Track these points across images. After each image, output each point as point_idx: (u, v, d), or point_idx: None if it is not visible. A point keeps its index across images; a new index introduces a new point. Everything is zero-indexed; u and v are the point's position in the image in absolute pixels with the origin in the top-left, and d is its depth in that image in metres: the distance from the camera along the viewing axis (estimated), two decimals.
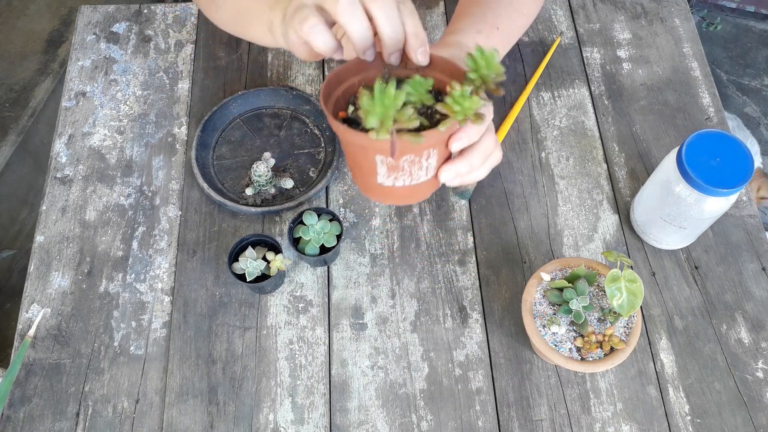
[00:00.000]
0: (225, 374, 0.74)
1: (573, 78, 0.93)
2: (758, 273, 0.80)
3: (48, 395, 0.72)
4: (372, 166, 0.51)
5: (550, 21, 0.98)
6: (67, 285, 0.78)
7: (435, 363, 0.74)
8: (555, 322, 0.67)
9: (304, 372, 0.74)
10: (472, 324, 0.76)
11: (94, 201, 0.84)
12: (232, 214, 0.83)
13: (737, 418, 0.72)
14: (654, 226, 0.77)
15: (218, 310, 0.77)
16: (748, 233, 0.82)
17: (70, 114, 0.90)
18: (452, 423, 0.71)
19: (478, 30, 0.67)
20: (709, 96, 0.92)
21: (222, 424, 0.71)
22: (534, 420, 0.72)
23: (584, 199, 0.84)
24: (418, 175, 0.52)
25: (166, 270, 0.79)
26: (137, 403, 0.72)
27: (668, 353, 0.75)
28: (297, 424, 0.71)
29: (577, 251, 0.81)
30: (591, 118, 0.90)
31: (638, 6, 1.00)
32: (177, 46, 0.95)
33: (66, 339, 0.75)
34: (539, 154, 0.87)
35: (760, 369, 0.74)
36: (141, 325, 0.76)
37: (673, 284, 0.79)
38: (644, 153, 0.88)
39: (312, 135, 0.88)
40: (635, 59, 0.95)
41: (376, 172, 0.52)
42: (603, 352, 0.67)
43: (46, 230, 0.81)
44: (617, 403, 0.72)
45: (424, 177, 0.53)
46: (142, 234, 0.81)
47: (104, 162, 0.86)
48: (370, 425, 0.71)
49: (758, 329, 0.76)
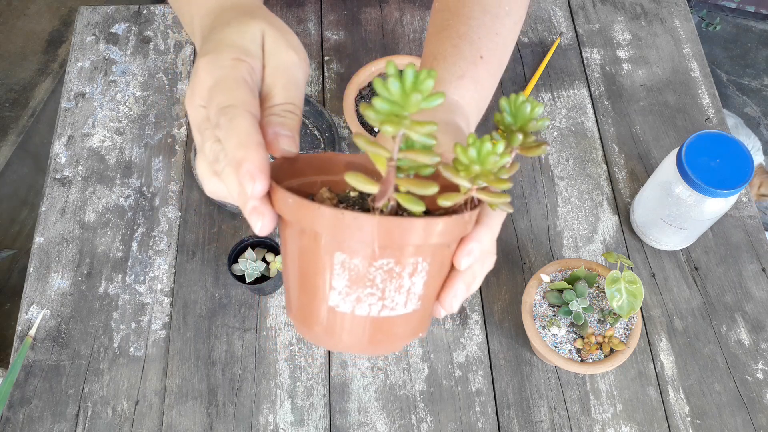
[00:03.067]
0: (224, 375, 0.73)
1: (573, 79, 0.93)
2: (758, 274, 0.80)
3: (47, 397, 0.72)
4: (324, 274, 0.33)
5: (550, 22, 0.98)
6: (67, 286, 0.78)
7: (435, 364, 0.74)
8: (555, 324, 0.67)
9: (303, 373, 0.74)
10: (471, 325, 0.76)
11: (93, 202, 0.83)
12: (231, 215, 0.82)
13: (737, 419, 0.72)
14: (654, 227, 0.77)
15: (218, 312, 0.77)
16: (748, 234, 0.82)
17: (69, 115, 0.90)
18: (452, 424, 0.71)
19: (460, 75, 0.53)
20: (709, 97, 0.92)
21: (221, 426, 0.71)
22: (534, 421, 0.72)
23: (584, 200, 0.84)
24: (393, 300, 0.34)
25: (166, 271, 0.79)
26: (137, 405, 0.72)
27: (668, 354, 0.75)
28: (297, 425, 0.71)
29: (577, 252, 0.81)
30: (591, 119, 0.90)
31: (638, 6, 1.00)
32: (176, 47, 0.95)
33: (65, 340, 0.75)
34: (539, 155, 0.87)
35: (760, 370, 0.74)
36: (140, 327, 0.76)
37: (673, 285, 0.79)
38: (644, 154, 0.88)
39: (311, 136, 0.88)
40: (635, 60, 0.95)
41: (328, 285, 0.33)
42: (603, 353, 0.67)
43: (46, 231, 0.81)
44: (617, 404, 0.72)
45: (402, 308, 0.34)
46: (141, 235, 0.81)
47: (104, 163, 0.86)
48: (369, 426, 0.71)
49: (758, 330, 0.76)
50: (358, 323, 0.34)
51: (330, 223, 0.31)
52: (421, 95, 0.30)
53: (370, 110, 0.31)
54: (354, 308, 0.33)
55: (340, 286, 0.33)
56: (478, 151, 0.32)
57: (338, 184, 0.38)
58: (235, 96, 0.36)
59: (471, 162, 0.32)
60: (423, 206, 0.31)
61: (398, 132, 0.30)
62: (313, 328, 0.35)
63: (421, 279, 0.34)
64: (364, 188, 0.31)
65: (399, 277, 0.33)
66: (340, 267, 0.32)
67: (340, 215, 0.31)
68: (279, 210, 0.34)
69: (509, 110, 0.35)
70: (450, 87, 0.52)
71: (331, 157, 0.39)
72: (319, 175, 0.39)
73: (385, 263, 0.32)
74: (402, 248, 0.32)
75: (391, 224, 0.31)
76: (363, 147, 0.31)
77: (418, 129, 0.30)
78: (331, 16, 0.97)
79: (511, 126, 0.35)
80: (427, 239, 0.32)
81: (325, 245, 0.32)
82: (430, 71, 0.30)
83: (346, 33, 0.96)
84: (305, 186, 0.38)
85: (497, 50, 0.56)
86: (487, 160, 0.32)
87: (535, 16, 0.98)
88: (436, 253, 0.33)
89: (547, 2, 1.00)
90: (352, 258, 0.32)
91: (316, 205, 0.31)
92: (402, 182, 0.32)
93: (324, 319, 0.34)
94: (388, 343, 0.35)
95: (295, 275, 0.35)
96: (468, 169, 0.33)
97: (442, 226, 0.32)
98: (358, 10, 0.98)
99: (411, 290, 0.34)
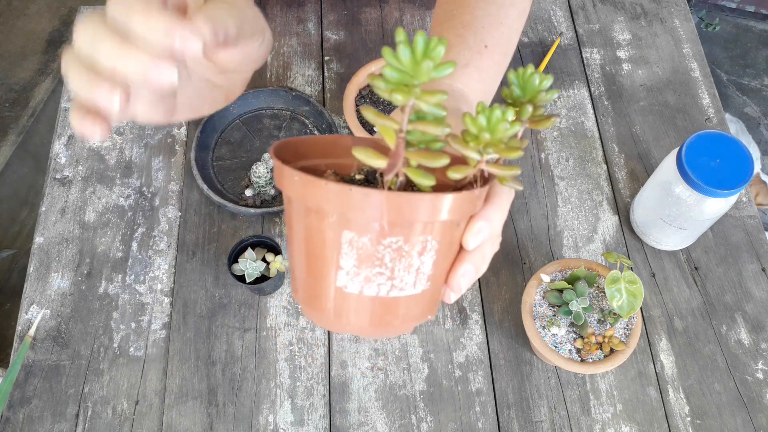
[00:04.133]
0: (224, 375, 0.73)
1: (573, 79, 0.93)
2: (758, 274, 0.80)
3: (47, 397, 0.72)
4: (331, 254, 0.32)
5: (550, 21, 0.98)
6: (67, 286, 0.78)
7: (435, 364, 0.74)
8: (555, 324, 0.67)
9: (303, 373, 0.74)
10: (471, 325, 0.76)
11: (93, 202, 0.83)
12: (231, 215, 0.82)
13: (737, 419, 0.72)
14: (654, 227, 0.77)
15: (218, 312, 0.77)
16: (747, 234, 0.82)
17: (69, 115, 0.90)
18: (452, 424, 0.71)
19: (465, 63, 0.52)
20: (709, 97, 0.92)
21: (221, 426, 0.71)
22: (534, 421, 0.72)
23: (584, 200, 0.84)
24: (402, 280, 0.32)
25: (166, 271, 0.79)
26: (137, 405, 0.72)
27: (668, 354, 0.75)
28: (297, 425, 0.71)
29: (577, 252, 0.81)
30: (591, 118, 0.90)
31: (638, 6, 1.00)
32: None
33: (65, 340, 0.75)
34: (539, 155, 0.87)
35: (760, 370, 0.74)
36: (140, 327, 0.76)
37: (673, 285, 0.79)
38: (644, 154, 0.88)
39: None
40: (635, 60, 0.95)
41: (335, 265, 0.32)
42: (603, 353, 0.67)
43: (46, 231, 0.81)
44: (617, 404, 0.72)
45: (411, 288, 0.33)
46: (141, 235, 0.81)
47: (104, 163, 0.86)
48: (369, 426, 0.71)
49: (758, 330, 0.76)
50: (366, 304, 0.33)
51: (337, 200, 0.30)
52: (433, 62, 0.29)
53: (379, 80, 0.30)
54: (362, 289, 0.32)
55: (348, 266, 0.31)
56: (487, 119, 0.31)
57: (343, 167, 0.37)
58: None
59: (480, 130, 0.31)
60: (433, 180, 0.30)
61: (408, 101, 0.29)
62: (320, 310, 0.34)
63: (430, 258, 0.32)
64: (373, 162, 0.30)
65: (408, 256, 0.31)
66: (348, 246, 0.31)
67: (348, 191, 0.29)
68: (284, 189, 0.32)
69: (518, 83, 0.34)
70: (454, 75, 0.51)
71: (336, 139, 0.38)
72: (323, 158, 0.38)
73: (394, 241, 0.31)
74: (411, 225, 0.31)
75: (401, 199, 0.29)
76: (371, 120, 0.30)
77: (428, 99, 0.30)
78: (331, 16, 0.97)
79: (521, 98, 0.34)
80: (436, 215, 0.30)
81: (333, 223, 0.31)
82: (440, 39, 0.29)
83: (346, 33, 0.96)
84: (309, 169, 0.36)
85: (502, 39, 0.56)
86: (497, 127, 0.31)
87: (535, 16, 0.98)
88: (446, 232, 0.32)
89: (547, 2, 1.00)
90: (360, 236, 0.30)
91: (322, 181, 0.30)
92: (411, 155, 0.31)
93: (331, 300, 0.33)
94: (397, 324, 0.34)
95: (302, 256, 0.33)
96: (477, 139, 0.31)
97: (451, 202, 0.30)
98: (358, 10, 0.98)
99: (420, 270, 0.32)
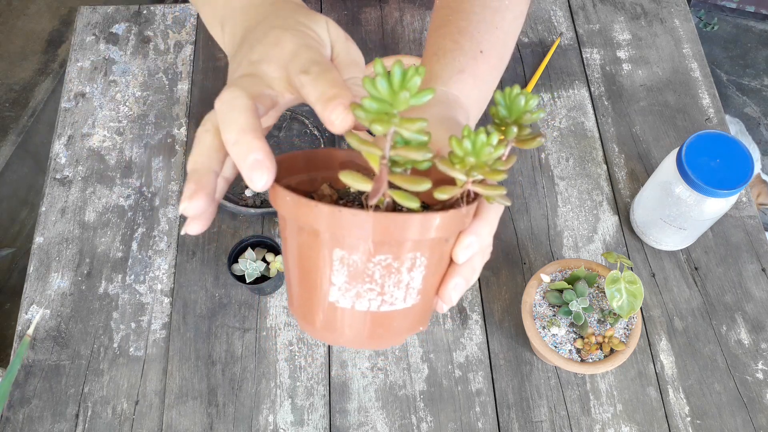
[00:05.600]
0: (224, 375, 0.73)
1: (573, 79, 0.93)
2: (758, 274, 0.80)
3: (47, 397, 0.72)
4: (324, 271, 0.33)
5: (550, 22, 0.98)
6: (67, 286, 0.78)
7: (435, 364, 0.74)
8: (555, 324, 0.67)
9: (303, 373, 0.74)
10: (471, 325, 0.76)
11: (93, 202, 0.83)
12: (231, 215, 0.82)
13: (737, 419, 0.72)
14: (654, 227, 0.77)
15: (218, 312, 0.77)
16: (748, 234, 0.82)
17: (69, 115, 0.90)
18: (452, 424, 0.71)
19: (460, 69, 0.53)
20: (709, 97, 0.92)
21: (221, 426, 0.71)
22: (534, 421, 0.72)
23: (584, 200, 0.84)
24: (392, 295, 0.34)
25: (166, 271, 0.79)
26: (137, 405, 0.72)
27: (668, 354, 0.75)
28: (297, 425, 0.71)
29: (577, 252, 0.81)
30: (591, 119, 0.90)
31: (638, 7, 1.00)
32: (176, 47, 0.95)
33: (65, 340, 0.75)
34: (539, 155, 0.87)
35: (760, 370, 0.74)
36: (140, 327, 0.76)
37: (673, 285, 0.79)
38: (644, 154, 0.88)
39: (311, 136, 0.88)
40: (635, 60, 0.95)
41: (327, 281, 0.33)
42: (603, 353, 0.67)
43: (46, 231, 0.81)
44: (617, 404, 0.72)
45: (401, 302, 0.34)
46: (141, 235, 0.81)
47: (104, 163, 0.86)
48: (369, 426, 0.71)
49: (758, 330, 0.76)
50: (358, 318, 0.34)
51: (327, 221, 0.31)
52: (409, 93, 0.30)
53: (360, 110, 0.31)
54: (354, 303, 0.33)
55: (340, 282, 0.33)
56: (472, 143, 0.32)
57: (339, 180, 0.37)
58: (322, 54, 0.38)
59: (466, 154, 0.32)
60: (418, 202, 0.31)
61: (388, 130, 0.30)
62: (315, 323, 0.35)
63: (419, 273, 0.34)
64: (359, 186, 0.31)
65: (397, 272, 0.33)
66: (339, 263, 0.32)
67: (337, 212, 0.30)
68: (278, 208, 0.34)
69: (504, 103, 0.35)
70: (450, 82, 0.52)
71: (331, 153, 0.39)
72: (319, 171, 0.39)
73: (383, 259, 0.32)
74: (400, 244, 0.32)
75: (388, 220, 0.31)
76: (356, 146, 0.32)
77: (408, 126, 0.30)
78: (331, 16, 0.97)
79: (506, 119, 0.35)
80: (425, 234, 0.32)
81: (324, 242, 0.32)
82: (417, 68, 0.30)
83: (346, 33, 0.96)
84: (306, 183, 0.39)
85: (497, 44, 0.56)
86: (482, 151, 0.32)
87: (535, 16, 0.98)
88: (435, 248, 0.33)
89: (547, 2, 1.00)
90: (350, 254, 0.32)
91: (313, 203, 0.31)
92: (395, 178, 0.31)
93: (325, 314, 0.34)
94: (388, 337, 0.35)
95: (296, 272, 0.35)
96: (463, 162, 0.32)
97: (439, 221, 0.31)
98: (358, 10, 0.98)
99: (410, 285, 0.34)
